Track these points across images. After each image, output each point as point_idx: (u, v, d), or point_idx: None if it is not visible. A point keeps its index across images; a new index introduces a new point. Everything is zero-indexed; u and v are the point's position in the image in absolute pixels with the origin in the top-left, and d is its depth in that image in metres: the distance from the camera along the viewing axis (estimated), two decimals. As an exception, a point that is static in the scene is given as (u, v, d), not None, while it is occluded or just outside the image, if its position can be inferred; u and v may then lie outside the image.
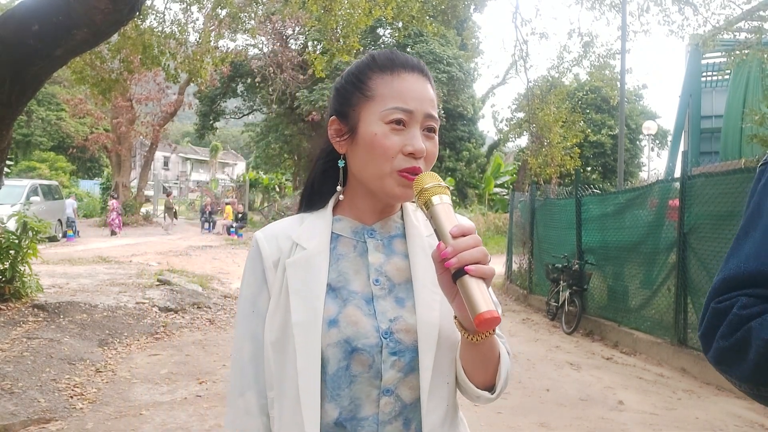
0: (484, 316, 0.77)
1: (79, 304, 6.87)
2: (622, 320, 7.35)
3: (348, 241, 1.02)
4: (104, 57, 8.75)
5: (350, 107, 1.00)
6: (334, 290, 0.97)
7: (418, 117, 0.96)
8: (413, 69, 0.99)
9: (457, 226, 0.84)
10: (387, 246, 1.03)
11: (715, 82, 14.81)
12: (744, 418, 4.60)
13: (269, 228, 1.04)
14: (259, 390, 0.98)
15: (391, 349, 0.94)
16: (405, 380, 0.94)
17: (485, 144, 31.96)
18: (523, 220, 11.59)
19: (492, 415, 4.40)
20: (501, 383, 0.97)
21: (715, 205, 5.70)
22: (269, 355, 0.97)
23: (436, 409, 0.95)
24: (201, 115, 28.72)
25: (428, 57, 25.07)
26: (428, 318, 0.95)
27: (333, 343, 0.93)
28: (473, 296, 0.79)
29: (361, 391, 0.94)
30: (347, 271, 0.99)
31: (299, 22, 18.20)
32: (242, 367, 0.99)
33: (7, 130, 5.17)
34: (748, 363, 0.76)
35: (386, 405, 0.94)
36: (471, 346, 0.91)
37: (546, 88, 16.82)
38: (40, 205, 14.85)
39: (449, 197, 0.90)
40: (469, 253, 0.81)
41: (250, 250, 1.03)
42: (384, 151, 0.95)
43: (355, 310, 0.95)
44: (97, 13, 4.51)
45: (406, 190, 0.95)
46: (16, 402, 4.03)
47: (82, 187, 32.73)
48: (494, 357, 0.96)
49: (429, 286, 0.97)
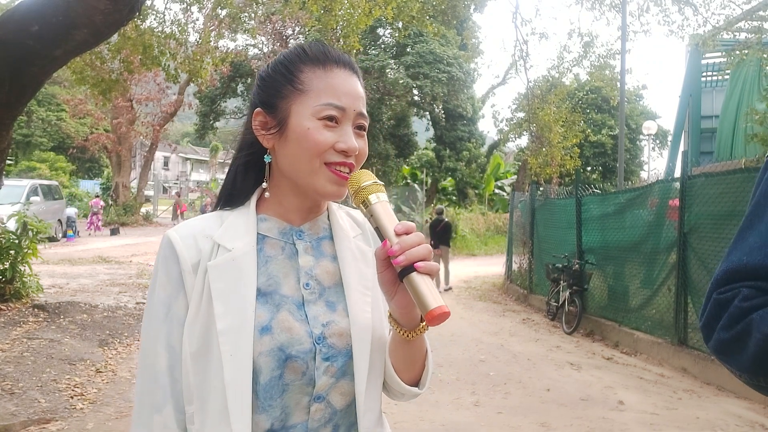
0: (435, 312, 0.77)
1: (79, 304, 6.87)
2: (623, 320, 7.35)
3: (275, 242, 0.97)
4: (104, 57, 8.75)
5: (279, 99, 0.94)
6: (264, 295, 0.91)
7: (350, 115, 0.93)
8: (345, 65, 0.95)
9: (402, 223, 0.83)
10: (316, 248, 0.99)
11: (715, 82, 14.80)
12: (744, 418, 4.60)
13: (184, 227, 0.95)
14: (177, 405, 0.90)
15: (324, 355, 0.90)
16: (336, 386, 0.92)
17: (485, 144, 31.94)
18: (524, 220, 11.60)
19: (492, 415, 4.40)
20: (428, 378, 0.99)
21: (715, 204, 5.70)
22: (188, 367, 0.88)
23: (370, 411, 0.94)
24: (201, 115, 28.69)
25: (428, 57, 25.05)
26: (361, 320, 0.93)
27: (266, 351, 0.87)
28: (423, 293, 0.79)
29: (292, 399, 0.90)
30: (277, 274, 0.94)
31: (299, 22, 18.20)
32: (156, 380, 0.90)
33: (7, 131, 5.17)
34: (747, 354, 0.76)
35: (317, 412, 0.91)
36: (404, 343, 0.92)
37: (546, 88, 16.84)
38: (40, 205, 14.84)
39: (386, 195, 0.89)
40: (417, 250, 0.81)
41: (162, 249, 0.93)
42: (316, 146, 0.90)
43: (288, 316, 0.91)
44: (96, 13, 4.51)
45: (339, 188, 0.92)
46: (16, 402, 4.03)
47: (82, 187, 32.70)
48: (423, 352, 0.96)
49: (359, 288, 0.96)
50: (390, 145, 27.61)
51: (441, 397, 4.75)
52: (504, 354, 6.52)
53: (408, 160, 30.36)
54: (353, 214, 1.07)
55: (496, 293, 12.04)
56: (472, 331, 7.76)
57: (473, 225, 21.75)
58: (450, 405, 4.59)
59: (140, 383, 0.93)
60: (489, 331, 7.82)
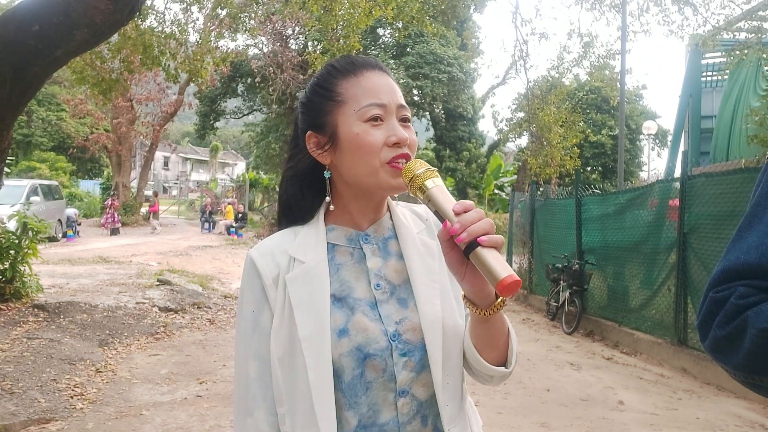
0: (506, 281, 0.78)
1: (79, 304, 6.87)
2: (623, 320, 7.35)
3: (344, 249, 1.02)
4: (104, 57, 8.75)
5: (324, 116, 0.99)
6: (339, 300, 0.98)
7: (392, 109, 0.97)
8: (373, 67, 1.00)
9: (460, 202, 0.86)
10: (382, 249, 1.03)
11: (715, 82, 14.78)
12: (744, 418, 4.60)
13: (263, 245, 1.03)
14: (268, 408, 0.97)
15: (401, 351, 0.95)
16: (418, 379, 0.96)
17: (485, 144, 31.97)
18: (524, 220, 11.60)
19: (492, 415, 4.40)
20: (514, 356, 0.99)
21: (715, 205, 5.70)
22: (277, 372, 0.96)
23: (452, 401, 0.98)
24: (201, 115, 28.70)
25: (429, 57, 25.06)
26: (431, 313, 0.97)
27: (345, 352, 0.93)
28: (491, 265, 0.80)
29: (378, 396, 0.95)
30: (348, 279, 1.00)
31: (299, 22, 18.20)
32: (248, 387, 0.98)
33: (7, 131, 5.17)
34: (742, 351, 0.77)
35: (404, 406, 0.95)
36: (482, 322, 0.93)
37: (546, 88, 16.82)
38: (40, 205, 14.84)
39: (440, 179, 0.91)
40: (478, 225, 0.82)
41: (246, 268, 1.01)
42: (370, 148, 0.95)
43: (363, 317, 0.96)
44: (97, 13, 4.51)
45: (400, 180, 0.95)
46: (16, 402, 4.03)
47: (82, 187, 32.70)
48: (505, 330, 0.98)
49: (427, 282, 1.00)
50: (390, 145, 27.54)
51: (441, 397, 4.75)
52: (504, 354, 6.52)
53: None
54: (416, 209, 1.11)
55: (496, 293, 12.03)
56: (472, 331, 7.75)
57: (473, 225, 21.67)
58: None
59: (236, 391, 1.01)
60: (489, 331, 7.80)
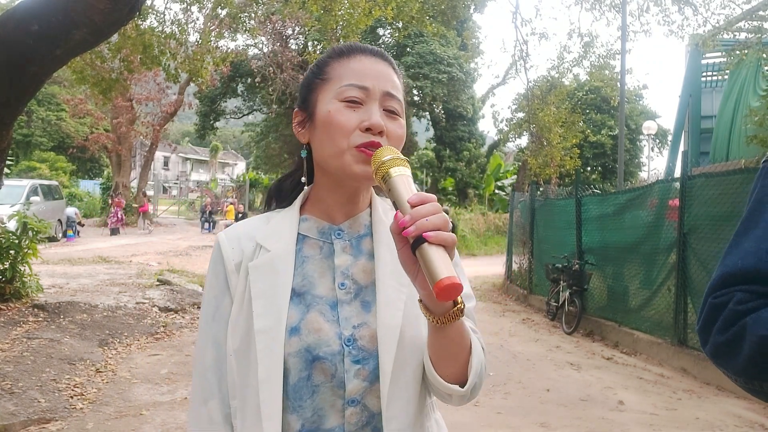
0: (443, 283, 0.69)
1: (79, 304, 6.87)
2: (623, 320, 7.35)
3: (314, 242, 0.96)
4: (104, 57, 8.74)
5: (309, 94, 0.96)
6: (298, 295, 0.92)
7: (375, 94, 0.91)
8: (373, 54, 0.95)
9: (416, 194, 0.77)
10: (355, 246, 0.97)
11: (715, 82, 14.78)
12: (744, 418, 4.60)
13: (233, 229, 0.99)
14: (223, 398, 0.93)
15: (354, 357, 0.88)
16: (371, 389, 0.89)
17: (485, 144, 31.96)
18: (523, 220, 11.60)
19: (492, 415, 4.40)
20: (473, 375, 0.88)
21: (715, 205, 5.70)
22: (232, 363, 0.91)
23: (401, 416, 0.89)
24: (201, 115, 28.73)
25: (428, 57, 25.06)
26: (389, 320, 0.90)
27: (293, 352, 0.87)
28: (432, 263, 0.71)
29: (325, 401, 0.89)
30: (312, 274, 0.94)
31: (299, 22, 18.20)
32: (205, 374, 0.94)
33: (7, 131, 5.17)
34: (742, 357, 0.77)
35: (352, 415, 0.89)
36: (438, 331, 0.83)
37: (546, 88, 16.83)
38: (40, 205, 14.84)
39: (409, 169, 0.82)
40: (429, 219, 0.74)
41: (213, 252, 0.97)
42: (340, 127, 0.89)
43: (318, 317, 0.90)
44: (96, 13, 4.51)
45: (366, 167, 0.88)
46: (16, 402, 4.03)
47: (83, 187, 32.69)
48: (464, 345, 0.87)
49: (393, 285, 0.92)
50: (390, 145, 27.55)
51: (441, 397, 4.75)
52: (504, 354, 6.52)
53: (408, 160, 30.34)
54: None
55: (496, 293, 12.04)
56: (471, 331, 7.75)
57: (473, 225, 21.74)
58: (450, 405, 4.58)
59: (193, 378, 0.97)
60: (489, 331, 7.81)
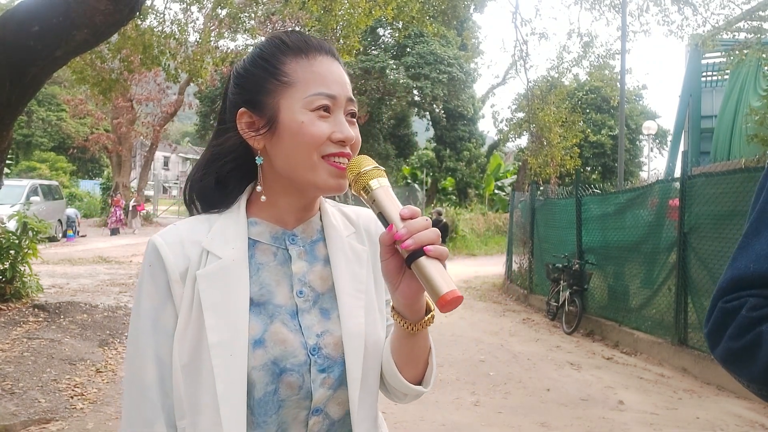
0: (447, 297, 0.73)
1: (79, 304, 6.87)
2: (623, 320, 7.35)
3: (267, 248, 0.91)
4: (104, 57, 8.75)
5: (264, 95, 0.88)
6: (258, 305, 0.87)
7: (341, 102, 0.88)
8: (327, 52, 0.91)
9: (407, 207, 0.79)
10: (309, 252, 0.94)
11: (715, 82, 14.80)
12: (744, 417, 4.60)
13: (171, 232, 0.89)
14: (168, 419, 0.85)
15: (320, 366, 0.87)
16: (334, 397, 0.88)
17: (485, 144, 31.97)
18: (524, 220, 11.60)
19: (492, 415, 4.40)
20: (432, 376, 0.93)
21: (715, 204, 5.70)
22: (179, 380, 0.84)
23: (366, 419, 0.91)
24: (201, 115, 28.72)
25: (429, 57, 25.06)
26: (354, 328, 0.89)
27: (258, 365, 0.83)
28: (434, 278, 0.74)
29: (289, 414, 0.86)
30: (269, 282, 0.89)
31: (299, 22, 18.17)
32: (145, 394, 0.85)
33: (7, 131, 5.17)
34: (757, 366, 0.76)
35: (315, 424, 0.88)
36: (407, 338, 0.87)
37: (546, 88, 16.82)
38: (40, 205, 14.85)
39: (386, 179, 0.84)
40: (425, 234, 0.76)
41: (147, 256, 0.87)
42: (312, 139, 0.85)
43: (282, 327, 0.87)
44: (96, 13, 4.51)
45: (340, 181, 0.87)
46: (16, 402, 4.03)
47: (83, 188, 32.70)
48: (427, 347, 0.91)
49: (352, 292, 0.92)
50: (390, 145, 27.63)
51: (441, 397, 4.75)
52: (504, 354, 6.52)
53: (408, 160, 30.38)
54: (346, 211, 1.01)
55: (496, 293, 12.04)
56: (472, 331, 7.76)
57: (473, 225, 21.75)
58: (450, 405, 4.59)
59: (128, 398, 0.87)
60: (489, 331, 7.81)
